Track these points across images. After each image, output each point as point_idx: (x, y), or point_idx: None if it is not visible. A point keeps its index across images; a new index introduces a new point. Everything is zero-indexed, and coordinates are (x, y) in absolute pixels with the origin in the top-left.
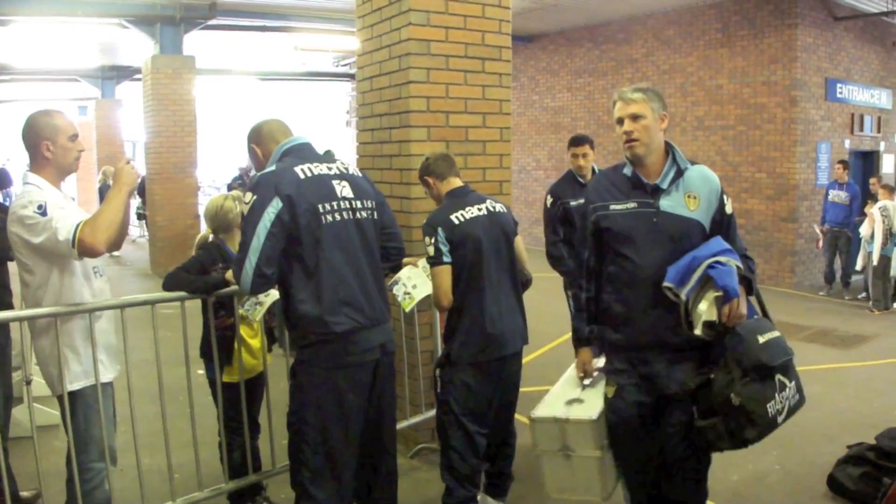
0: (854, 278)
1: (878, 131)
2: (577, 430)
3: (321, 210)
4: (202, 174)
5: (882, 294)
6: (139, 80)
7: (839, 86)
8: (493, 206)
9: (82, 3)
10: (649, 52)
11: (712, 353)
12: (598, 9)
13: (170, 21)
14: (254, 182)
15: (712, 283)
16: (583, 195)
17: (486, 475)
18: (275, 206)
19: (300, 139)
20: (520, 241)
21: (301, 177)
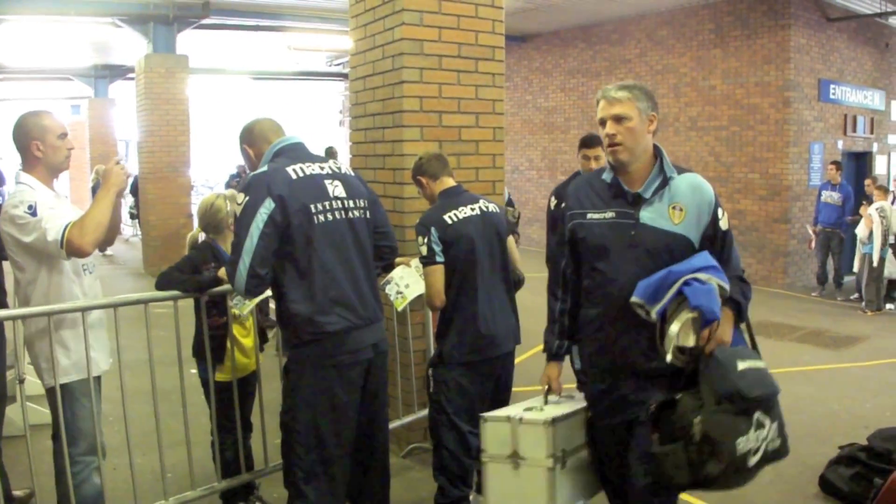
0: (846, 279)
1: (871, 132)
2: (530, 433)
3: (313, 210)
4: (195, 173)
5: (875, 295)
6: (132, 79)
7: (832, 87)
8: (487, 207)
9: (75, 2)
10: (642, 52)
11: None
12: (592, 9)
13: (163, 20)
14: (246, 183)
15: (686, 302)
16: None
17: (479, 475)
18: (267, 206)
19: (292, 139)
20: (512, 242)
21: (293, 177)
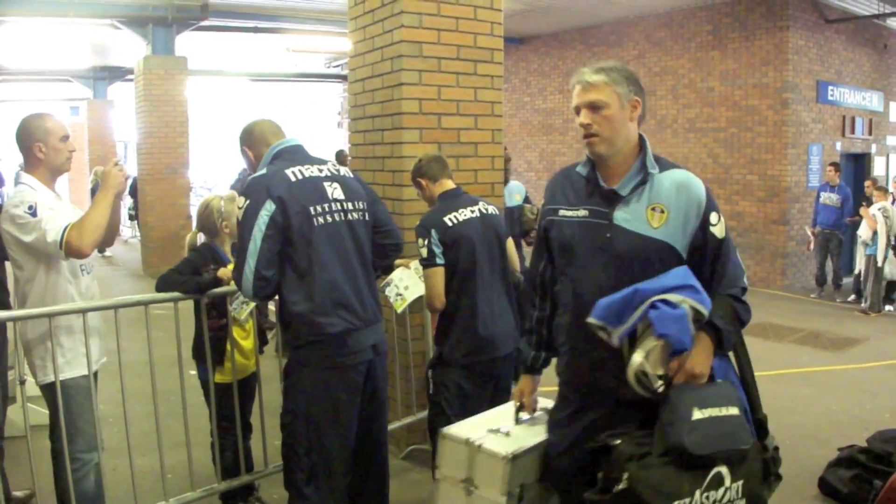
0: (845, 280)
1: (870, 134)
2: (487, 463)
3: (312, 212)
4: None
5: (875, 296)
6: (131, 80)
7: (830, 88)
8: (486, 209)
9: (74, 3)
10: (641, 53)
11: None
12: (590, 11)
13: (162, 22)
14: (245, 187)
15: (653, 328)
16: None
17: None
18: (268, 208)
19: (291, 141)
20: (511, 243)
21: (292, 179)
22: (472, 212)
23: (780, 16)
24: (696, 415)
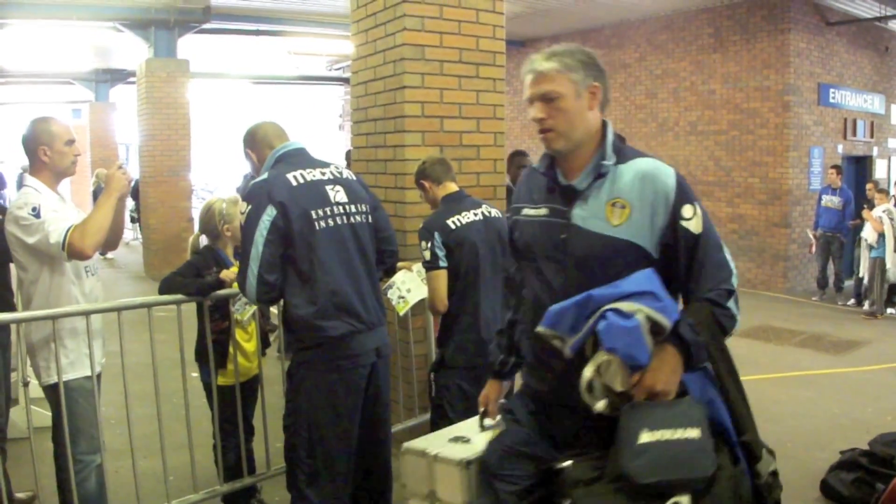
0: (846, 283)
1: (871, 136)
2: (445, 473)
3: (314, 216)
4: (196, 177)
5: (878, 298)
6: (133, 83)
7: (832, 91)
8: (489, 212)
9: (77, 6)
10: (642, 56)
11: None
12: (591, 14)
13: (164, 25)
14: (247, 192)
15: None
16: None
17: None
18: (269, 213)
19: (293, 145)
20: None
21: (293, 183)
22: (476, 215)
23: (781, 18)
24: (644, 438)
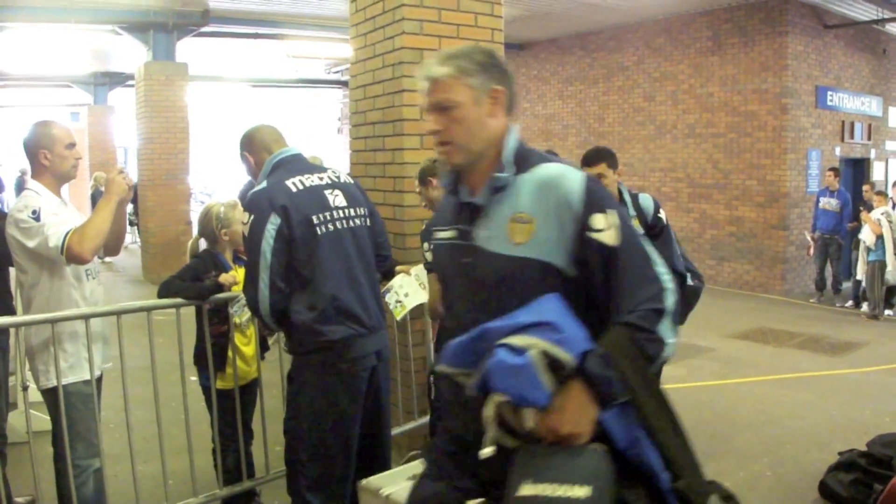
0: (844, 285)
1: (869, 139)
2: None
3: (315, 221)
4: (194, 181)
5: (878, 300)
6: (132, 86)
7: (830, 93)
8: None
9: (76, 10)
10: (640, 59)
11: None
12: (589, 17)
13: (163, 28)
14: (248, 202)
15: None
16: None
17: None
18: (273, 221)
19: (290, 150)
20: None
21: (293, 190)
22: None
23: (779, 21)
24: (526, 490)
